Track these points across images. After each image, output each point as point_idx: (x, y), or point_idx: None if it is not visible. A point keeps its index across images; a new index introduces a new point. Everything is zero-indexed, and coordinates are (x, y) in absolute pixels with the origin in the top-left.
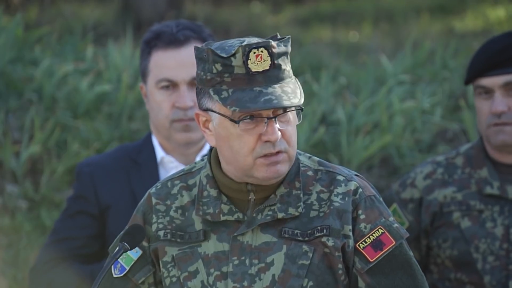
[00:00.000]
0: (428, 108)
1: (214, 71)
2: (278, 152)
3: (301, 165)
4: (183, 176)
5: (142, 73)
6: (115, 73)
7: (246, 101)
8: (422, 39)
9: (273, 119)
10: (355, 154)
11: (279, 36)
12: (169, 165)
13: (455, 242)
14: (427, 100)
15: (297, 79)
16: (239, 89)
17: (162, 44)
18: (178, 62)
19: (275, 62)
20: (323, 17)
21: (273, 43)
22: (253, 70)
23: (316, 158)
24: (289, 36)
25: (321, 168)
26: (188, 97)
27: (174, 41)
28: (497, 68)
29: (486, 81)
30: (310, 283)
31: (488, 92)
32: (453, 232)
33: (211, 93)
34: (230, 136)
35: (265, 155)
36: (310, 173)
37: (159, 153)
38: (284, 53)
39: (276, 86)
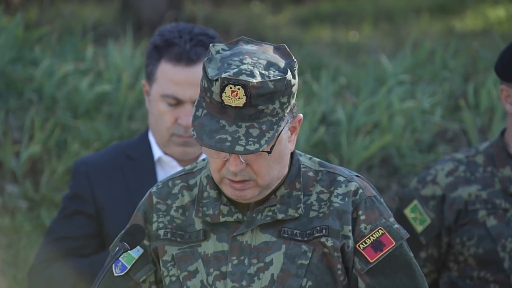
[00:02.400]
0: (428, 108)
1: (203, 84)
2: (244, 180)
3: (301, 166)
4: (184, 176)
5: (148, 75)
6: (115, 73)
7: (205, 132)
8: (422, 39)
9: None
10: (355, 154)
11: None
12: (169, 164)
13: (480, 240)
14: (427, 100)
15: (284, 117)
16: (210, 114)
17: (173, 58)
18: (187, 81)
19: (252, 101)
20: (323, 17)
21: (255, 83)
22: (226, 103)
23: (317, 159)
24: (285, 76)
25: (321, 169)
26: (191, 116)
27: (185, 58)
28: None
29: None
30: (309, 283)
31: None
32: (479, 230)
33: (195, 102)
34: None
35: (230, 179)
36: (310, 174)
37: (156, 151)
38: (270, 93)
39: (243, 125)
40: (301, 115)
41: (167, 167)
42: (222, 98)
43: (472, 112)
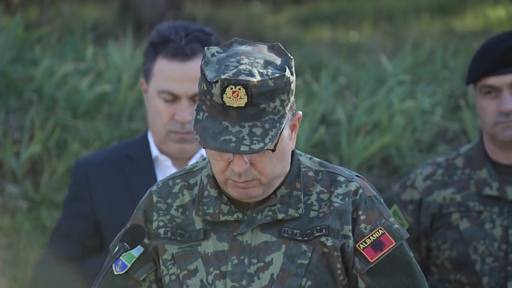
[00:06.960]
0: (428, 108)
1: (201, 87)
2: (247, 180)
3: (301, 166)
4: (185, 175)
5: (145, 72)
6: (115, 73)
7: (208, 134)
8: (422, 39)
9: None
10: (355, 154)
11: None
12: (163, 164)
13: (454, 243)
14: (427, 100)
15: (285, 115)
16: (212, 116)
17: (168, 53)
18: (182, 76)
19: (253, 101)
20: (323, 17)
21: (256, 82)
22: (227, 104)
23: (317, 159)
24: (284, 74)
25: (322, 169)
26: (188, 111)
27: (181, 53)
28: (505, 67)
29: (494, 81)
30: (309, 283)
31: (494, 91)
32: (452, 233)
33: (195, 107)
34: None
35: (234, 180)
36: (311, 173)
37: (154, 150)
38: (270, 91)
39: (246, 125)
40: (300, 112)
41: (162, 167)
42: (223, 99)
43: (472, 112)
